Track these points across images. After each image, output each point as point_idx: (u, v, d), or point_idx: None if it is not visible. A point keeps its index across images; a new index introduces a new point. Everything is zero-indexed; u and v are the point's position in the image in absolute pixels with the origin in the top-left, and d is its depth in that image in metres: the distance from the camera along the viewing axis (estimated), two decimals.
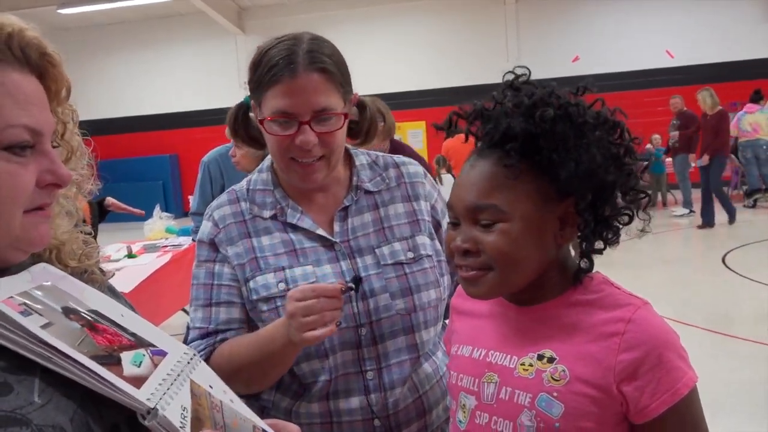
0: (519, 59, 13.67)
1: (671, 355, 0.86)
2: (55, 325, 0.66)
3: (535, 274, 0.92)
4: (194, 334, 1.23)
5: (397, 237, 1.26)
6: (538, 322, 0.94)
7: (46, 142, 0.75)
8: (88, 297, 0.77)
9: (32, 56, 0.75)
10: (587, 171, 0.86)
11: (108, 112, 14.47)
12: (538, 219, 0.89)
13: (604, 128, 0.90)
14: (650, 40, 12.92)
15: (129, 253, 4.14)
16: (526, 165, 0.88)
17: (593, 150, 0.87)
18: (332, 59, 1.17)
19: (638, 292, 0.94)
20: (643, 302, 0.91)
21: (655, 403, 0.85)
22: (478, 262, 0.90)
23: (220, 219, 1.26)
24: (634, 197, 0.93)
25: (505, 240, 0.88)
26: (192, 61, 14.53)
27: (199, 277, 1.25)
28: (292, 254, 1.22)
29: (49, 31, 0.78)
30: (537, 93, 0.90)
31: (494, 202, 0.89)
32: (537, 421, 0.87)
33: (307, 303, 1.03)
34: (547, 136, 0.86)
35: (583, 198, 0.89)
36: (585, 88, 0.94)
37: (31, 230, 0.74)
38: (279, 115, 1.15)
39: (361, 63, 11.17)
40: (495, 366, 0.95)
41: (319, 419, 1.20)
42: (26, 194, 0.72)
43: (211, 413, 0.75)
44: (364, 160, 1.33)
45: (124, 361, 0.69)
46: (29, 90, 0.73)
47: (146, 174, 14.85)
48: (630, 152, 0.92)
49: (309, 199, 1.27)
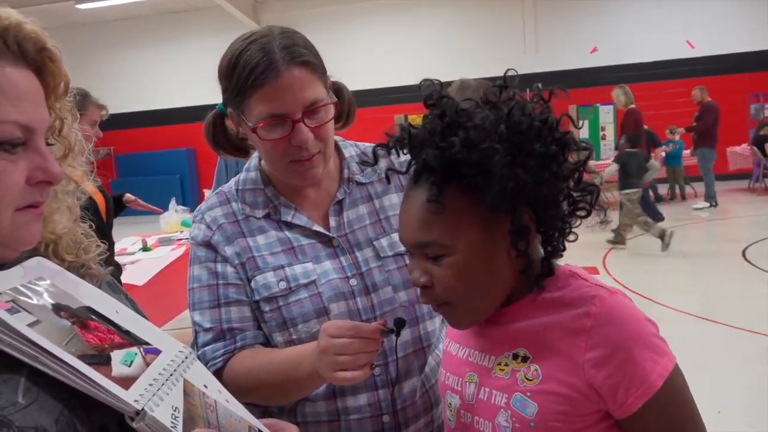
0: (536, 51, 13.56)
1: (639, 347, 0.82)
2: (43, 323, 0.65)
3: (502, 294, 0.91)
4: (206, 336, 1.16)
5: (394, 228, 1.22)
6: (509, 322, 0.92)
7: (39, 139, 0.73)
8: (83, 293, 0.76)
9: (29, 50, 0.73)
10: (513, 190, 0.81)
11: (125, 107, 14.57)
12: (484, 243, 0.86)
13: (526, 136, 0.83)
14: (670, 31, 12.74)
15: (144, 246, 4.16)
16: (456, 190, 0.84)
17: (514, 168, 0.81)
18: (308, 49, 1.12)
19: (659, 284, 0.91)
20: (609, 293, 0.87)
21: (631, 399, 0.82)
22: (434, 297, 0.89)
23: (212, 221, 1.21)
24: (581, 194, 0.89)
25: (452, 273, 0.86)
26: (208, 54, 14.32)
27: (201, 279, 1.18)
28: (290, 252, 1.18)
29: (66, 26, 0.77)
30: (447, 113, 0.85)
31: (434, 237, 0.86)
32: (513, 422, 0.86)
33: (342, 342, 0.95)
34: (462, 163, 0.82)
35: (517, 215, 0.84)
36: (500, 87, 0.88)
37: (21, 229, 0.72)
38: (270, 119, 1.09)
39: (375, 56, 11.15)
40: (475, 366, 0.95)
41: (327, 417, 1.17)
42: (15, 192, 0.70)
43: (204, 413, 0.73)
44: (353, 152, 1.30)
45: (114, 361, 0.67)
46: (23, 85, 0.71)
47: (163, 168, 14.97)
48: (563, 151, 0.85)
49: (301, 196, 1.23)
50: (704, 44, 12.62)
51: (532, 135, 0.83)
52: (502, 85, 0.89)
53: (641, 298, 5.00)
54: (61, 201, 0.84)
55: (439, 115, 0.86)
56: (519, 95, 0.88)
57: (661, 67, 12.92)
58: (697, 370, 3.02)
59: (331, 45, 1.23)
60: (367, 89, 12.71)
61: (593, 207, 0.89)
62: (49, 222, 0.82)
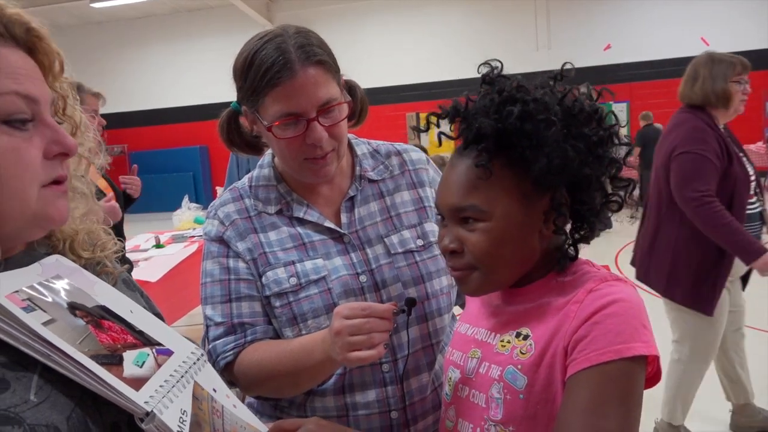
0: (549, 47, 13.49)
1: (617, 320, 0.82)
2: (58, 322, 0.66)
3: (523, 269, 0.94)
4: (218, 331, 1.18)
5: (405, 225, 1.25)
6: (521, 303, 0.95)
7: (45, 112, 0.74)
8: (98, 291, 0.76)
9: (16, 31, 0.74)
10: (559, 166, 0.85)
11: (139, 104, 14.67)
12: (519, 215, 0.89)
13: (577, 119, 0.88)
14: (684, 28, 12.62)
15: (157, 243, 4.18)
16: (503, 162, 0.88)
17: (564, 144, 0.85)
18: (322, 49, 1.13)
19: None
20: (616, 279, 0.89)
21: (581, 357, 0.82)
22: (462, 263, 0.92)
23: (225, 217, 1.23)
24: (617, 185, 0.93)
25: (486, 239, 0.89)
26: (221, 52, 14.51)
27: (213, 274, 1.20)
28: (301, 248, 1.20)
29: (81, 24, 0.77)
30: (506, 88, 0.90)
31: (474, 201, 0.89)
32: (504, 393, 0.89)
33: (355, 322, 0.98)
34: (516, 133, 0.86)
35: (558, 193, 0.88)
36: (560, 76, 0.93)
37: (48, 205, 0.73)
38: (286, 118, 1.11)
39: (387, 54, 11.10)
40: (480, 342, 0.98)
41: (335, 412, 1.19)
42: (34, 168, 0.71)
43: (211, 418, 0.74)
44: (365, 149, 1.32)
45: (126, 361, 0.68)
46: (17, 61, 0.72)
47: (177, 165, 15.05)
48: (609, 140, 0.90)
49: (314, 192, 1.25)
50: (719, 41, 12.47)
51: (583, 118, 0.88)
52: (556, 77, 0.93)
53: (653, 296, 4.93)
54: (74, 188, 0.84)
55: (498, 91, 0.90)
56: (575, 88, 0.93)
57: (675, 65, 12.80)
58: (712, 368, 3.01)
59: (343, 43, 1.23)
60: (380, 87, 12.72)
61: (625, 201, 0.93)
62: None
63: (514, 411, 0.88)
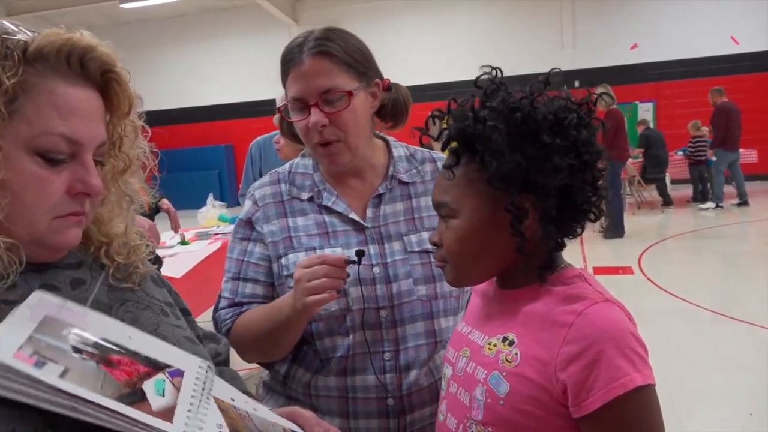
0: (574, 47, 13.38)
1: (613, 352, 0.83)
2: (73, 371, 0.64)
3: (496, 266, 0.98)
4: (223, 303, 1.32)
5: (426, 227, 1.31)
6: (510, 306, 0.98)
7: (86, 153, 0.76)
8: (91, 323, 0.74)
9: (93, 71, 0.76)
10: (509, 171, 0.88)
11: (165, 103, 14.85)
12: (486, 215, 0.93)
13: (539, 126, 0.89)
14: (713, 26, 12.42)
15: (182, 239, 4.23)
16: (471, 163, 0.94)
17: (514, 151, 0.88)
18: (340, 44, 1.23)
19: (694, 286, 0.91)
20: (604, 299, 0.89)
21: (590, 399, 0.83)
22: (438, 255, 1.00)
23: (260, 198, 1.34)
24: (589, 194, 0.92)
25: (454, 235, 0.96)
26: (247, 52, 14.74)
27: (234, 252, 1.34)
28: (324, 236, 1.28)
29: (110, 24, 0.80)
30: (487, 92, 0.94)
31: (445, 199, 0.96)
32: (486, 396, 0.92)
33: (312, 269, 1.10)
34: (477, 138, 0.91)
35: (512, 196, 0.90)
36: (544, 83, 0.94)
37: (56, 233, 0.75)
38: (293, 102, 1.24)
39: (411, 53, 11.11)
40: (470, 342, 1.02)
41: (336, 393, 1.25)
42: (53, 201, 0.73)
43: (244, 423, 0.76)
44: (402, 152, 1.39)
45: (148, 394, 0.67)
46: (77, 102, 0.74)
47: (202, 163, 15.23)
48: (571, 148, 0.89)
49: (346, 185, 1.33)
50: (749, 39, 12.25)
51: (543, 126, 0.89)
52: (545, 81, 0.95)
53: (677, 300, 4.89)
54: (125, 210, 0.88)
55: (472, 95, 0.96)
56: (562, 92, 0.94)
57: (703, 64, 12.61)
58: (732, 372, 2.97)
59: (368, 42, 1.25)
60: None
61: (593, 209, 0.94)
62: (106, 225, 0.86)
63: (493, 414, 0.91)
